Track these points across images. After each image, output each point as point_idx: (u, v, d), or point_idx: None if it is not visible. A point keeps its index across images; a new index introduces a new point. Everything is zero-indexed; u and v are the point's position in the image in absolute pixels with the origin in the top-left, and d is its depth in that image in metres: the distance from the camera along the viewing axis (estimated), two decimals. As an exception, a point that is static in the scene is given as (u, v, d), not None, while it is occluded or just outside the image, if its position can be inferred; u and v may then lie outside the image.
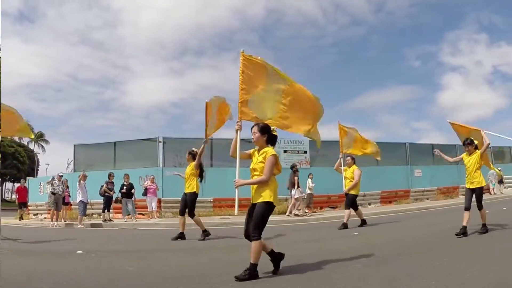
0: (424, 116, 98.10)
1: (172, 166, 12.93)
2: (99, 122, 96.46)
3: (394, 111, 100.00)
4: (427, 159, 19.14)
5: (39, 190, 17.01)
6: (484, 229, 5.88)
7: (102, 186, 12.32)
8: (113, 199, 12.45)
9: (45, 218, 16.41)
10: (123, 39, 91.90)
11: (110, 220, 12.27)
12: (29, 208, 18.56)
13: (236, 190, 3.79)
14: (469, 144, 6.02)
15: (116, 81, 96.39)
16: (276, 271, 3.66)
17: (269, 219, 3.52)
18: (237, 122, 4.02)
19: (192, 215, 6.95)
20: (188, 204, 6.91)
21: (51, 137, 58.11)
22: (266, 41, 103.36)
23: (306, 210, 12.60)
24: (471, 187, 5.95)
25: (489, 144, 5.99)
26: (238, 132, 3.92)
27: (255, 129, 3.71)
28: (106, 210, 12.29)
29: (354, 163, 8.30)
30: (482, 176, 5.97)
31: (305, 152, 15.69)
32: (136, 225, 11.11)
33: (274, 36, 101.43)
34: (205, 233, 6.87)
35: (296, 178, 12.08)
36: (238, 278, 3.36)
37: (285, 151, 15.20)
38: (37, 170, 46.20)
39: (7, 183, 50.99)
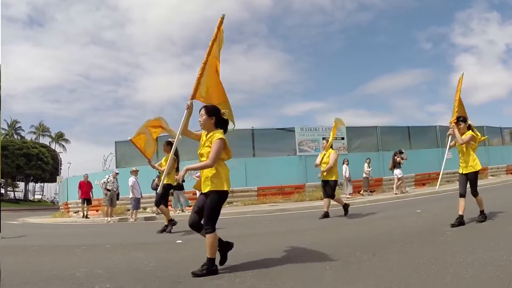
0: (438, 99, 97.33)
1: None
2: (113, 120, 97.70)
3: (407, 95, 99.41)
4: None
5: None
6: (483, 216, 5.37)
7: (154, 180, 12.66)
8: (165, 192, 12.85)
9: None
10: (133, 37, 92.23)
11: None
12: (68, 205, 19.11)
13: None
14: (462, 122, 5.45)
15: (129, 79, 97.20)
16: (223, 262, 3.57)
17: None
18: (189, 100, 3.69)
19: (157, 204, 7.30)
20: (160, 194, 7.17)
21: (68, 137, 58.81)
22: (275, 31, 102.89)
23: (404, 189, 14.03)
24: (464, 172, 5.39)
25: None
26: (187, 111, 3.63)
27: (203, 111, 3.51)
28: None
29: (331, 146, 7.85)
30: (477, 160, 5.35)
31: (343, 138, 16.04)
32: (192, 216, 11.52)
33: (282, 25, 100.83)
34: (172, 222, 7.18)
35: (398, 159, 13.65)
36: (195, 274, 3.21)
37: (323, 138, 15.41)
38: (60, 169, 47.18)
39: (30, 183, 52.13)
